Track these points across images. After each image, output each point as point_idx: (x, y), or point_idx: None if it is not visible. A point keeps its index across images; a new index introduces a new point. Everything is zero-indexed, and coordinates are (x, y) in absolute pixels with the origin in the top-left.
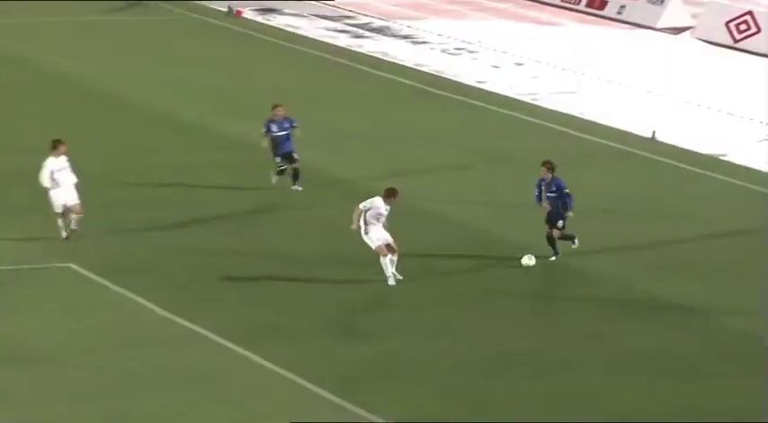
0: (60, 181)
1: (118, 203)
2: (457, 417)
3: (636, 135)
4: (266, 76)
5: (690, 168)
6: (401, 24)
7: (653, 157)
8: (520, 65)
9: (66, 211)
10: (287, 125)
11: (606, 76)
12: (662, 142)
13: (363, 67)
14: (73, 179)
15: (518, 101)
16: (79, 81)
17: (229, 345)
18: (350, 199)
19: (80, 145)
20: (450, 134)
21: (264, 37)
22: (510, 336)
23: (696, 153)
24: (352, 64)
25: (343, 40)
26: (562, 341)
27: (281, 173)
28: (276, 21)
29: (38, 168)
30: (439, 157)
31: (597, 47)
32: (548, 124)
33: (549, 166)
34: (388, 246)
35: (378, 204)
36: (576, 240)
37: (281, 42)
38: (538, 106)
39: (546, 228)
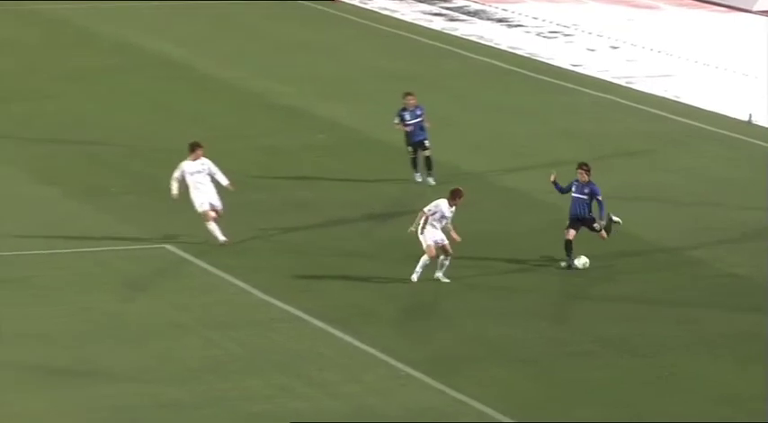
0: (196, 183)
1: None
2: (549, 397)
3: (732, 118)
4: (361, 60)
5: None
6: (496, 8)
7: (749, 140)
8: (615, 48)
9: (209, 213)
10: (419, 113)
11: (702, 60)
12: (758, 125)
13: (458, 50)
14: (213, 182)
15: (613, 84)
16: (177, 64)
17: (323, 326)
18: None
19: (177, 127)
20: (544, 117)
21: (361, 20)
22: (603, 320)
23: None
24: (446, 47)
25: (438, 24)
26: (653, 326)
27: (415, 165)
28: (372, 4)
29: (135, 152)
30: (533, 140)
31: (693, 30)
32: (642, 107)
33: (586, 168)
34: (443, 247)
35: (443, 207)
36: (576, 262)
37: (377, 26)
38: (633, 89)
39: (565, 232)
